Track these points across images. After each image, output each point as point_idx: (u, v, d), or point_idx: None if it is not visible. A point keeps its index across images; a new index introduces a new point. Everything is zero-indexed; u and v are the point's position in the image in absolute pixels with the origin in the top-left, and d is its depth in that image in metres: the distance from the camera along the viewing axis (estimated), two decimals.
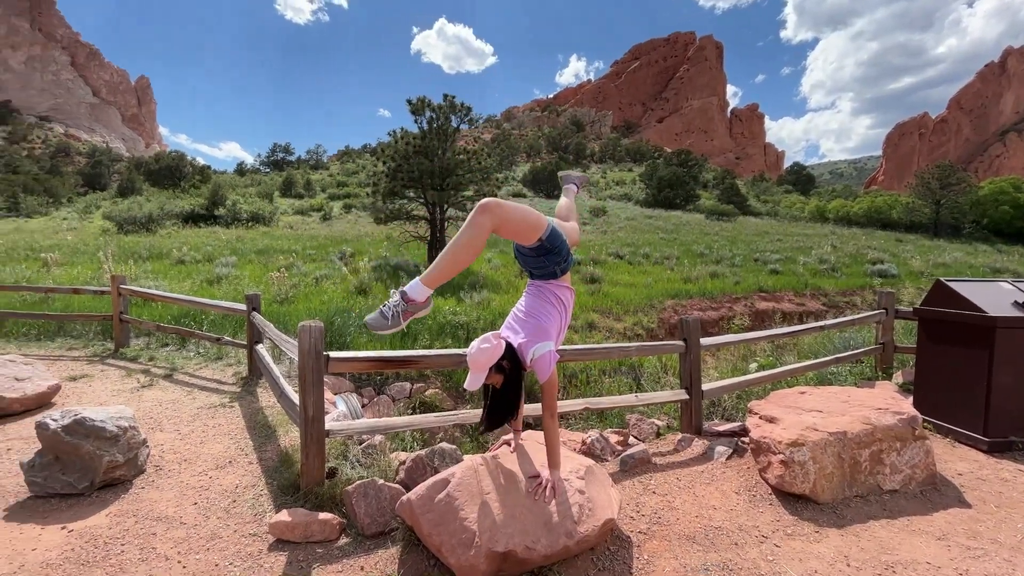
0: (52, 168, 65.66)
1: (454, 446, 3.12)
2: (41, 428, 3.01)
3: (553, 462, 2.41)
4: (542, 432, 2.79)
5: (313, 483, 2.85)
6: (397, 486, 2.73)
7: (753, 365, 5.48)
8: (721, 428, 3.93)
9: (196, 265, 14.95)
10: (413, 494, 2.32)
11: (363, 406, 6.48)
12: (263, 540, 2.55)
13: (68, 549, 2.46)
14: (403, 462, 3.07)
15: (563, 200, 3.00)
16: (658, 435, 4.28)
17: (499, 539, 2.06)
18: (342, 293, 11.59)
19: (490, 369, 2.27)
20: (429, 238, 17.36)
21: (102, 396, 5.12)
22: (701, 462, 3.51)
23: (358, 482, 2.69)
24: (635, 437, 4.24)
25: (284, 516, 2.56)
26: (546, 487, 2.32)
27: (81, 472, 2.98)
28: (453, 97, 16.81)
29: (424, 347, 8.14)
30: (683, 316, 4.11)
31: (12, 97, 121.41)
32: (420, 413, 5.68)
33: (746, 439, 3.53)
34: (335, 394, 5.95)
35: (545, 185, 51.68)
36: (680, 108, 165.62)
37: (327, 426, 2.90)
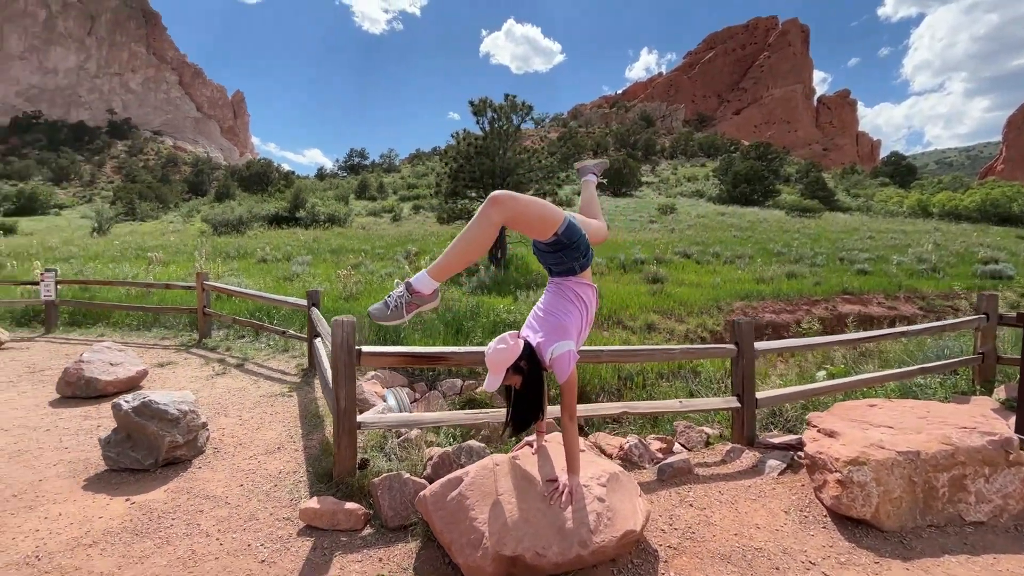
0: (163, 177, 73.43)
1: (482, 444, 3.10)
2: (116, 408, 3.34)
3: (572, 467, 2.31)
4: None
5: (345, 473, 2.94)
6: (422, 480, 2.75)
7: (821, 373, 5.00)
8: (776, 440, 3.62)
9: (276, 264, 16.09)
10: (428, 490, 2.32)
11: (414, 401, 6.64)
12: (294, 525, 2.66)
13: (127, 519, 2.70)
14: (431, 457, 3.09)
15: (584, 194, 2.88)
16: (707, 444, 4.01)
17: (507, 542, 2.00)
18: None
19: (508, 370, 2.22)
20: None
21: (181, 382, 5.62)
22: (749, 476, 3.24)
23: (384, 475, 2.73)
24: (682, 445, 4.01)
25: (314, 503, 2.65)
26: (563, 492, 2.23)
27: (147, 450, 3.27)
28: (514, 97, 16.87)
29: (477, 345, 8.23)
30: (736, 318, 3.83)
31: (132, 115, 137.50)
32: (468, 409, 5.74)
33: (802, 454, 3.21)
34: (386, 388, 6.15)
35: (612, 183, 50.68)
36: (760, 98, 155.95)
37: (359, 418, 2.98)
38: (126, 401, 3.34)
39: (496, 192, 1.99)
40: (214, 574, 2.26)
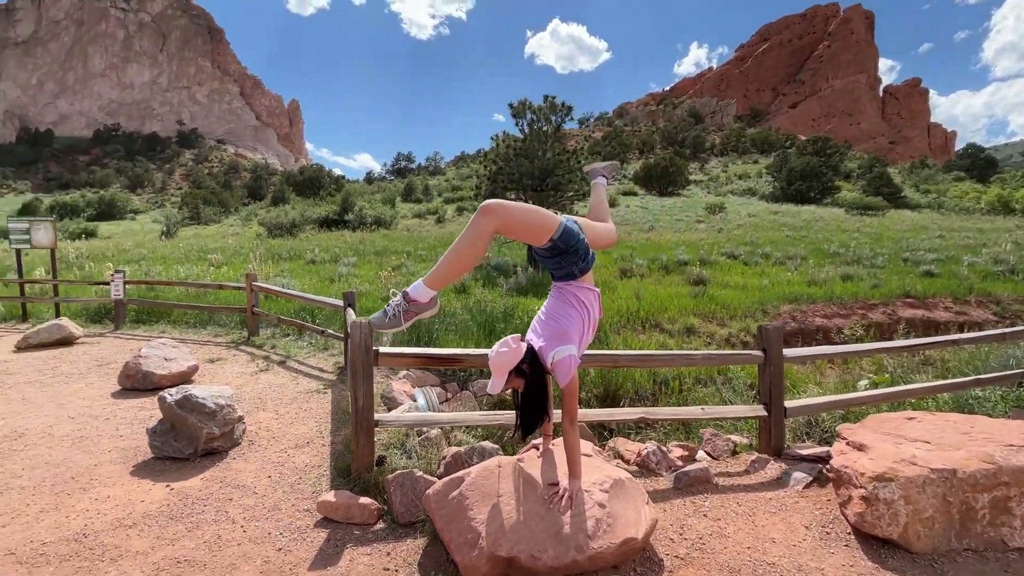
0: (225, 183, 77.96)
1: (496, 445, 3.14)
2: (161, 401, 3.61)
3: (573, 471, 2.31)
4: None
5: (362, 468, 3.05)
6: (433, 479, 2.82)
7: (863, 382, 4.71)
8: (805, 452, 3.45)
9: (323, 265, 16.77)
10: (432, 489, 2.39)
11: (444, 400, 6.77)
12: (312, 516, 2.79)
13: (165, 504, 2.92)
14: (444, 457, 3.16)
15: (593, 198, 2.86)
16: (734, 453, 3.88)
17: (503, 543, 2.03)
18: (445, 292, 12.21)
19: (510, 373, 2.25)
20: None
21: (227, 377, 5.98)
22: (772, 488, 3.12)
23: (397, 472, 2.82)
24: (707, 453, 3.90)
25: (330, 497, 2.78)
26: (562, 496, 2.23)
27: (187, 440, 3.52)
28: (553, 98, 16.84)
29: None
30: (765, 324, 3.68)
31: (198, 125, 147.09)
32: (497, 411, 5.80)
33: (829, 467, 3.06)
34: (416, 387, 6.31)
35: (658, 182, 49.59)
36: (819, 90, 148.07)
37: (376, 416, 3.10)
38: (170, 394, 3.61)
39: (487, 201, 2.02)
40: (235, 558, 2.41)
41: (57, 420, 4.38)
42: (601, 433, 5.51)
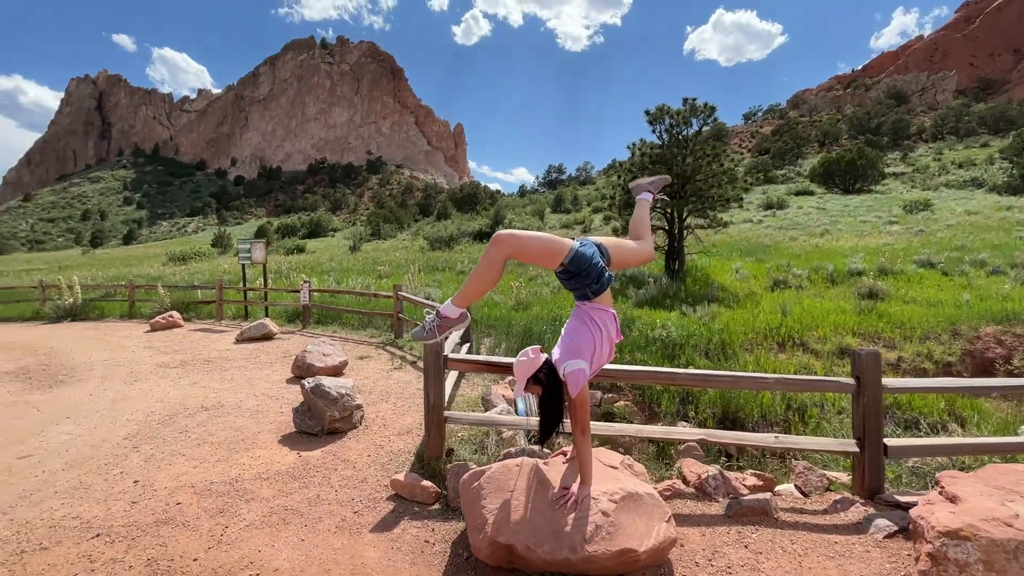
0: (401, 202, 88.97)
1: (548, 451, 3.37)
2: (302, 387, 4.60)
3: (583, 478, 2.46)
4: (606, 451, 2.83)
5: (432, 457, 3.55)
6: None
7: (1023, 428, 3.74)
8: (903, 498, 2.98)
9: None
10: (463, 478, 2.74)
11: None
12: (387, 491, 3.37)
13: (292, 466, 3.78)
14: (499, 455, 3.49)
15: (635, 213, 2.94)
16: (828, 490, 3.50)
17: (503, 532, 2.30)
18: (572, 302, 12.54)
19: (528, 380, 2.51)
20: (667, 248, 16.94)
21: (368, 372, 7.12)
22: (845, 532, 2.80)
23: (454, 463, 3.25)
24: (798, 488, 3.58)
25: (401, 477, 3.32)
26: (568, 500, 2.40)
27: (316, 420, 4.43)
28: (694, 99, 16.05)
29: (617, 361, 8.23)
30: (858, 348, 3.27)
31: (382, 153, 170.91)
32: (603, 422, 5.94)
33: (908, 516, 2.63)
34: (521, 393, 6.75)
35: (842, 178, 43.11)
36: None
37: (447, 413, 3.57)
38: (308, 382, 4.58)
39: (498, 232, 2.33)
40: (323, 513, 3.08)
41: (246, 397, 5.79)
42: (719, 456, 5.26)
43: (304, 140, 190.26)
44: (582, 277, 2.42)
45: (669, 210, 16.33)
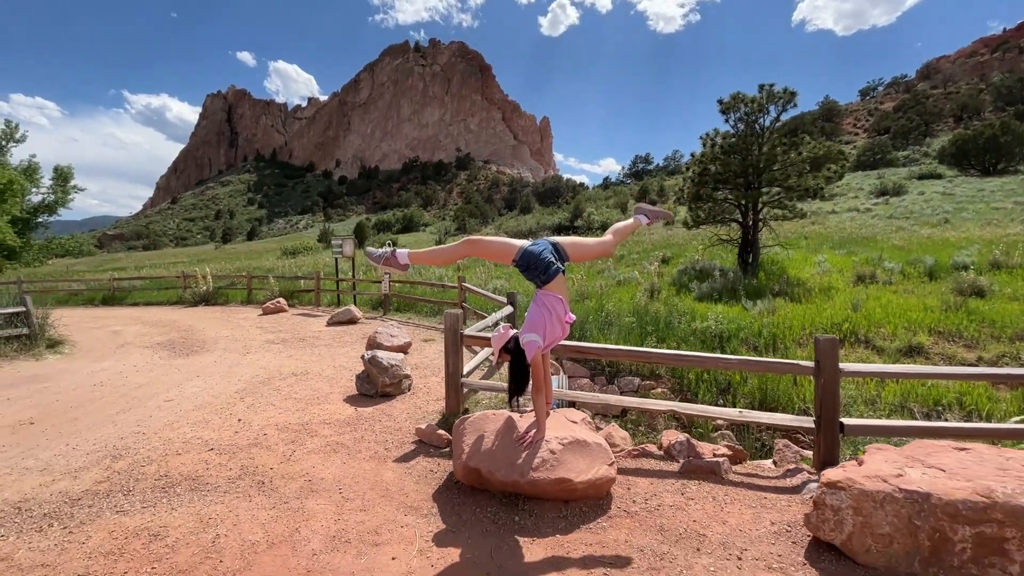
0: (487, 197, 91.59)
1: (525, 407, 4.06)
2: (363, 358, 5.68)
3: (539, 425, 3.15)
4: (571, 411, 3.51)
5: (451, 414, 4.40)
6: None
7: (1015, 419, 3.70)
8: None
9: None
10: (455, 423, 3.54)
11: (578, 388, 7.70)
12: (413, 437, 4.27)
13: (349, 417, 4.83)
14: None
15: (624, 221, 3.52)
16: (798, 465, 3.84)
17: (473, 459, 3.07)
18: (633, 294, 12.85)
19: (500, 350, 3.24)
20: (740, 240, 16.47)
21: (428, 352, 8.18)
22: (780, 492, 3.21)
23: (462, 417, 4.06)
24: (774, 463, 3.96)
25: (422, 426, 4.21)
26: (526, 440, 3.11)
27: (371, 385, 5.48)
28: (771, 85, 15.41)
29: (651, 347, 8.55)
30: (819, 335, 3.58)
31: (471, 150, 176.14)
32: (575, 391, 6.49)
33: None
34: (567, 376, 7.47)
35: (978, 157, 37.77)
36: None
37: (461, 380, 4.40)
38: (367, 354, 5.65)
39: (468, 236, 3.08)
40: (362, 448, 4.05)
41: (328, 367, 7.07)
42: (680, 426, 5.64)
43: (399, 140, 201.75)
44: (532, 270, 3.09)
45: (742, 202, 15.87)
